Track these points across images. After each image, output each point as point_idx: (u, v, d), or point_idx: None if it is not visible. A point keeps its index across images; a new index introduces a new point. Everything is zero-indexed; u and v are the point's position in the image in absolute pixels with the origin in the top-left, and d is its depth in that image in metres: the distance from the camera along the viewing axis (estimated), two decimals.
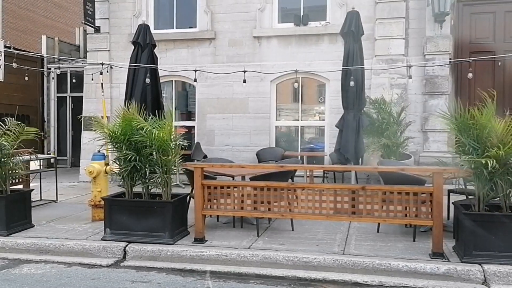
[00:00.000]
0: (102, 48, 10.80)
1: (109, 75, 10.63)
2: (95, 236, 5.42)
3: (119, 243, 5.07)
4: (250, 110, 10.01)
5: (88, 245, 5.09)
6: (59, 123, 15.08)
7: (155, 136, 5.05)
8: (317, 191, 4.74)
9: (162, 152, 5.16)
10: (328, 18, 9.72)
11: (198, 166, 5.08)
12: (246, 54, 10.03)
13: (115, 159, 5.38)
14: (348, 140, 6.27)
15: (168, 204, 5.10)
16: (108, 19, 10.77)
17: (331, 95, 9.55)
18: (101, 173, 6.23)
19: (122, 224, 5.19)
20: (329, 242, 5.09)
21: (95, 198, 6.20)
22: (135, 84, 7.04)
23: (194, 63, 10.24)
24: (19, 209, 5.74)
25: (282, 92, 10.14)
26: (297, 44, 9.76)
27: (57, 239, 5.32)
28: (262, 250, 4.77)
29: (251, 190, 4.93)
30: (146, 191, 5.38)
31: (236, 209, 5.03)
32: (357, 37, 6.57)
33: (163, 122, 5.25)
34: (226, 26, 10.14)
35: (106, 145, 5.83)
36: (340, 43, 9.51)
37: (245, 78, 9.69)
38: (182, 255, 4.82)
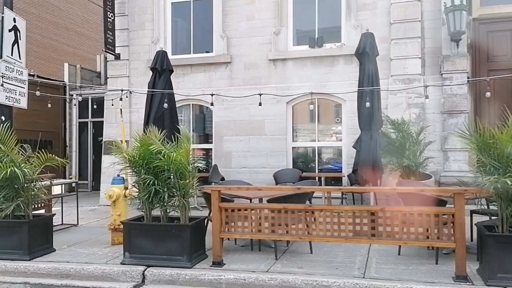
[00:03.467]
0: (122, 74, 11.08)
1: (128, 100, 10.87)
2: (115, 260, 5.45)
3: (138, 267, 5.08)
4: (267, 132, 10.05)
5: (108, 269, 5.12)
6: (80, 147, 15.39)
7: (172, 160, 5.10)
8: (336, 213, 4.69)
9: (180, 175, 5.21)
10: (343, 40, 9.79)
11: (215, 189, 5.10)
12: (262, 76, 10.15)
13: (134, 183, 5.45)
14: (366, 161, 6.23)
15: (186, 227, 5.11)
16: (128, 46, 11.08)
17: (347, 116, 9.54)
18: (121, 197, 6.30)
19: (141, 248, 5.22)
20: (349, 265, 5.01)
21: (114, 222, 6.26)
22: (153, 109, 7.18)
23: (211, 87, 10.41)
24: (41, 234, 5.84)
25: (299, 113, 10.18)
26: (313, 65, 9.84)
27: (77, 263, 5.37)
28: (281, 274, 4.72)
29: (268, 212, 4.92)
30: (165, 215, 5.42)
31: (254, 232, 5.01)
32: (372, 58, 6.60)
33: (181, 146, 5.31)
34: (242, 50, 10.31)
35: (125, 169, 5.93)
36: (355, 64, 9.55)
37: (261, 101, 9.81)
38: (200, 279, 4.80)
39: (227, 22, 10.40)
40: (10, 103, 6.73)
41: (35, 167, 5.86)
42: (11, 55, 6.71)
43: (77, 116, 15.42)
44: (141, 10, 11.03)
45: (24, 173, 5.62)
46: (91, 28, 25.23)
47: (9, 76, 6.63)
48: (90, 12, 25.70)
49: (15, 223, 5.65)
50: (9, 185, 5.69)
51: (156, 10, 10.89)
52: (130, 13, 11.10)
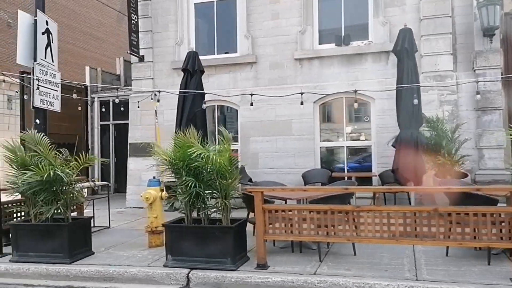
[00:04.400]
0: (146, 76, 11.07)
1: (153, 103, 10.84)
2: (156, 263, 5.40)
3: (182, 269, 5.02)
4: (294, 132, 9.95)
5: (152, 272, 5.07)
6: (102, 150, 15.43)
7: (214, 161, 5.04)
8: (385, 213, 4.58)
9: (221, 176, 5.15)
10: (371, 37, 9.66)
11: (258, 190, 5.02)
12: (288, 76, 10.05)
13: (176, 185, 5.38)
14: (407, 160, 6.09)
15: (230, 229, 5.04)
16: (152, 48, 11.06)
17: (376, 114, 9.41)
18: (157, 199, 6.25)
19: (184, 250, 5.16)
20: (398, 267, 4.89)
21: (151, 224, 6.22)
22: (185, 110, 7.13)
23: (236, 87, 10.37)
24: (80, 236, 5.82)
25: (326, 112, 10.06)
26: (340, 64, 9.71)
27: (119, 266, 5.33)
28: (329, 276, 4.62)
29: (314, 213, 4.82)
30: (206, 217, 5.35)
31: (298, 233, 4.92)
32: (411, 54, 6.46)
33: (221, 147, 5.25)
34: (267, 49, 10.22)
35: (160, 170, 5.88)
36: (384, 62, 9.45)
37: (288, 101, 9.77)
38: (247, 282, 4.72)
39: (251, 21, 10.33)
40: (44, 106, 6.73)
41: (73, 169, 5.85)
42: (45, 58, 6.71)
43: (99, 119, 15.48)
44: (165, 11, 11.02)
45: (67, 175, 5.61)
46: (106, 32, 25.38)
47: (43, 79, 6.63)
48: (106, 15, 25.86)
49: (55, 226, 5.64)
50: (48, 188, 5.67)
51: (179, 11, 10.86)
52: (154, 14, 11.08)
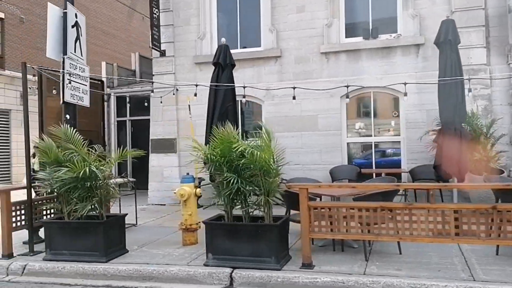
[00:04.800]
0: (167, 71, 10.90)
1: (175, 98, 10.70)
2: (196, 262, 5.24)
3: (224, 268, 4.86)
4: (320, 127, 9.76)
5: (193, 271, 4.91)
6: (119, 147, 15.30)
7: (258, 158, 4.86)
8: (439, 211, 4.39)
9: (264, 173, 4.97)
10: (399, 30, 9.42)
11: (303, 186, 4.84)
12: (314, 70, 9.85)
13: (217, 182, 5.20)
14: (451, 156, 5.88)
15: (274, 227, 4.87)
16: (173, 42, 10.89)
17: (406, 109, 9.18)
18: (192, 196, 6.10)
19: (225, 249, 4.99)
20: (450, 267, 4.70)
21: (185, 221, 6.06)
22: (217, 105, 6.95)
23: (260, 82, 10.16)
24: (115, 234, 5.68)
25: (353, 107, 9.85)
26: (368, 58, 9.49)
27: (158, 265, 5.18)
28: (382, 277, 4.44)
29: (363, 211, 4.63)
30: (247, 214, 5.18)
31: (346, 232, 4.74)
32: (455, 46, 6.24)
33: (263, 142, 5.08)
34: (292, 43, 10.02)
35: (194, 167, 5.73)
36: (413, 55, 9.22)
37: (314, 95, 9.58)
38: (294, 282, 4.55)
39: (275, 15, 10.12)
40: (74, 101, 6.58)
41: (108, 166, 5.71)
42: (74, 52, 6.56)
43: (115, 115, 15.35)
44: (186, 5, 10.83)
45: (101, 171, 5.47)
46: (117, 27, 25.28)
47: (73, 73, 6.48)
48: (116, 11, 25.68)
49: (90, 223, 5.50)
50: (82, 185, 5.53)
51: (201, 5, 10.67)
52: (175, 8, 10.90)
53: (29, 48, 19.04)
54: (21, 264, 5.50)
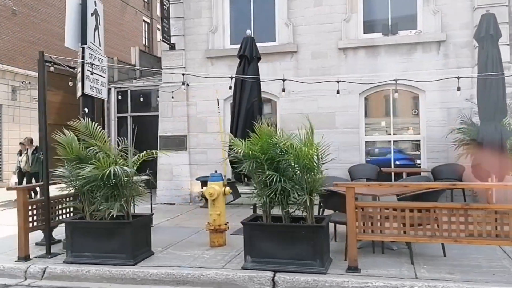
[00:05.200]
0: (177, 65, 10.53)
1: (185, 93, 10.37)
2: (231, 265, 4.94)
3: (265, 272, 4.57)
4: (338, 125, 9.50)
5: (231, 275, 4.61)
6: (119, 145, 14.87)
7: (303, 154, 4.58)
8: (499, 212, 4.15)
9: (307, 171, 4.69)
10: (419, 27, 9.21)
11: (350, 185, 4.57)
12: (332, 66, 9.59)
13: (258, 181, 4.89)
14: (491, 154, 5.66)
15: (320, 228, 4.59)
16: (183, 35, 10.53)
17: (427, 107, 8.98)
18: (220, 195, 5.79)
19: (265, 251, 4.70)
20: (503, 270, 4.48)
21: (214, 222, 5.75)
22: (243, 100, 6.63)
23: (275, 76, 9.87)
24: (142, 235, 5.35)
25: (372, 105, 9.62)
26: (387, 54, 9.27)
27: (192, 268, 4.86)
28: (437, 281, 4.19)
29: (414, 212, 4.37)
30: (286, 214, 4.89)
31: (397, 233, 4.48)
32: (496, 41, 6.02)
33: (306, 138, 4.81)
34: (309, 38, 9.74)
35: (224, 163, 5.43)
36: (434, 52, 9.02)
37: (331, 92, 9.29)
38: (343, 286, 4.28)
39: (292, 8, 9.84)
40: (93, 94, 6.21)
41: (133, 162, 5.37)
42: (93, 41, 6.20)
43: (115, 111, 14.92)
44: None
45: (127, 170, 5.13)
46: (109, 21, 24.68)
47: (92, 64, 6.11)
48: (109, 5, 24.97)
49: (117, 224, 5.15)
50: (107, 183, 5.19)
51: None
52: (186, 0, 10.54)
53: (21, 41, 18.43)
54: (40, 267, 5.14)
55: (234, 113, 6.68)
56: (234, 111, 6.68)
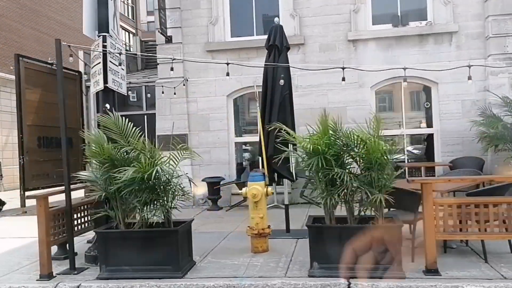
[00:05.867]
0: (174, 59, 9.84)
1: (185, 89, 9.75)
2: (293, 272, 4.47)
3: (338, 279, 4.13)
4: (349, 120, 9.08)
5: (301, 284, 4.14)
6: None
7: (375, 148, 4.19)
8: None
9: (378, 167, 4.30)
10: (429, 17, 9.05)
11: (427, 181, 4.22)
12: (340, 59, 9.20)
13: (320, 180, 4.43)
14: None
15: (396, 229, 4.20)
16: (181, 27, 9.88)
17: (440, 100, 8.84)
18: (263, 196, 5.29)
19: (333, 256, 4.26)
20: None
21: (257, 225, 5.24)
22: (275, 93, 6.15)
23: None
24: (185, 244, 4.77)
25: (383, 98, 9.39)
26: (398, 46, 9.05)
27: (249, 278, 4.35)
28: None
29: (499, 207, 4.08)
30: (350, 215, 4.48)
31: (479, 231, 4.17)
32: None
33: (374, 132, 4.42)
34: (316, 30, 9.38)
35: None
36: (446, 43, 8.89)
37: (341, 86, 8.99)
38: None
39: None
40: (115, 88, 5.53)
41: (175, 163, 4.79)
42: (113, 29, 5.52)
43: (95, 110, 13.98)
44: None
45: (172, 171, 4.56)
46: (70, 17, 23.39)
47: (113, 55, 5.43)
48: None
49: (160, 232, 4.55)
50: (147, 186, 4.58)
51: None
52: None
53: None
54: (71, 286, 4.46)
55: (266, 108, 6.18)
56: (266, 106, 6.18)
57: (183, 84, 9.67)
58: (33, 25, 20.15)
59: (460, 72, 7.86)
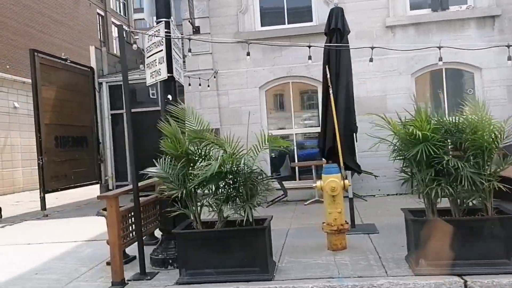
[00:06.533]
0: (203, 51, 9.42)
1: (215, 82, 9.33)
2: (394, 271, 4.11)
3: (451, 277, 3.79)
4: (389, 109, 8.83)
5: (411, 283, 3.79)
6: (115, 144, 13.46)
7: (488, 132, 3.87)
8: None
9: (488, 153, 3.97)
10: (470, 1, 8.75)
11: None
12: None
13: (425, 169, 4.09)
14: None
15: None
16: (208, 17, 9.46)
17: (484, 86, 8.57)
18: (341, 189, 4.93)
19: (441, 252, 3.92)
20: None
21: (335, 221, 4.88)
22: (341, 81, 5.80)
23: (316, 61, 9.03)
24: (269, 242, 4.38)
25: (423, 86, 9.08)
26: (438, 31, 8.74)
27: (348, 278, 3.99)
28: None
29: None
30: (455, 207, 4.14)
31: None
32: None
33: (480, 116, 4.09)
34: (352, 16, 8.93)
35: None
36: (489, 28, 8.61)
37: (381, 74, 8.72)
38: None
39: None
40: (177, 77, 5.08)
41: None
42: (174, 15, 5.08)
43: (108, 107, 13.50)
44: None
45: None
46: (64, 14, 22.77)
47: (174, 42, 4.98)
48: None
49: (247, 231, 4.15)
50: (227, 182, 4.19)
51: None
52: None
53: None
54: None
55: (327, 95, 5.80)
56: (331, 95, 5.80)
57: (213, 77, 9.26)
58: (27, 22, 19.47)
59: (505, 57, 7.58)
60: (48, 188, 10.37)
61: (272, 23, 9.46)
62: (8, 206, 11.94)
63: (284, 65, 9.19)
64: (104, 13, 29.27)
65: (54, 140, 10.93)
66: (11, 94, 17.22)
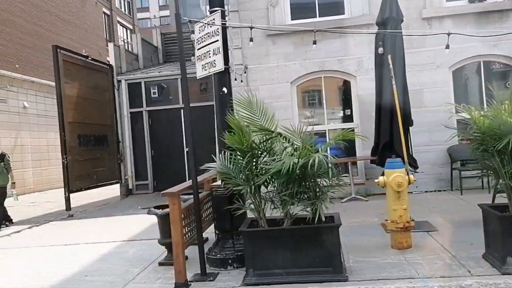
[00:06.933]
0: (233, 45, 9.20)
1: (245, 78, 9.09)
2: (475, 270, 3.87)
3: None
4: (427, 104, 8.64)
5: (502, 282, 3.56)
6: (135, 143, 13.22)
7: None
8: None
9: None
10: None
11: None
12: (415, 39, 8.65)
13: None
14: None
15: None
16: (237, 11, 9.21)
17: None
18: (406, 185, 4.70)
19: None
20: None
21: (401, 218, 4.65)
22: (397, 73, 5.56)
23: (349, 55, 8.91)
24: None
25: (461, 79, 8.83)
26: (476, 23, 8.49)
27: (430, 278, 3.75)
28: None
29: None
30: None
31: None
32: None
33: None
34: None
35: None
36: None
37: (417, 67, 8.50)
38: None
39: None
40: (232, 69, 4.88)
41: None
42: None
43: (128, 105, 13.26)
44: None
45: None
46: (71, 12, 22.56)
47: None
48: None
49: (318, 229, 3.91)
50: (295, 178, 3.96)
51: None
52: None
53: None
54: None
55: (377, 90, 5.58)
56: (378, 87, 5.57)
57: (244, 72, 9.02)
58: (35, 20, 19.26)
59: None
60: (73, 188, 10.15)
61: (301, 16, 9.22)
62: (23, 207, 11.75)
63: (316, 59, 8.95)
64: (110, 12, 29.09)
65: (77, 139, 10.73)
66: (21, 94, 16.99)
